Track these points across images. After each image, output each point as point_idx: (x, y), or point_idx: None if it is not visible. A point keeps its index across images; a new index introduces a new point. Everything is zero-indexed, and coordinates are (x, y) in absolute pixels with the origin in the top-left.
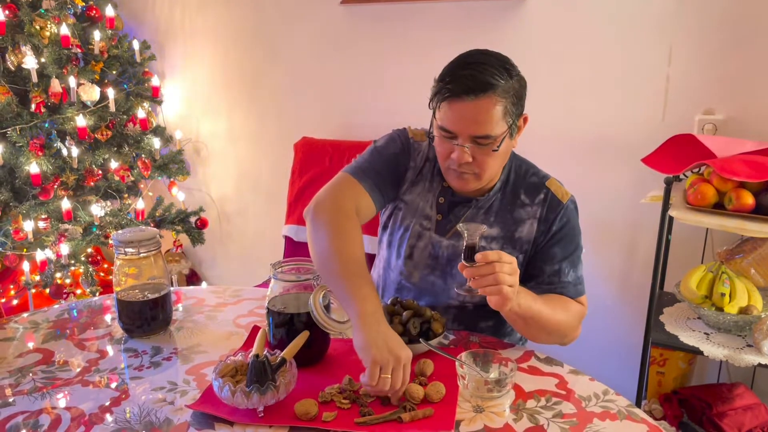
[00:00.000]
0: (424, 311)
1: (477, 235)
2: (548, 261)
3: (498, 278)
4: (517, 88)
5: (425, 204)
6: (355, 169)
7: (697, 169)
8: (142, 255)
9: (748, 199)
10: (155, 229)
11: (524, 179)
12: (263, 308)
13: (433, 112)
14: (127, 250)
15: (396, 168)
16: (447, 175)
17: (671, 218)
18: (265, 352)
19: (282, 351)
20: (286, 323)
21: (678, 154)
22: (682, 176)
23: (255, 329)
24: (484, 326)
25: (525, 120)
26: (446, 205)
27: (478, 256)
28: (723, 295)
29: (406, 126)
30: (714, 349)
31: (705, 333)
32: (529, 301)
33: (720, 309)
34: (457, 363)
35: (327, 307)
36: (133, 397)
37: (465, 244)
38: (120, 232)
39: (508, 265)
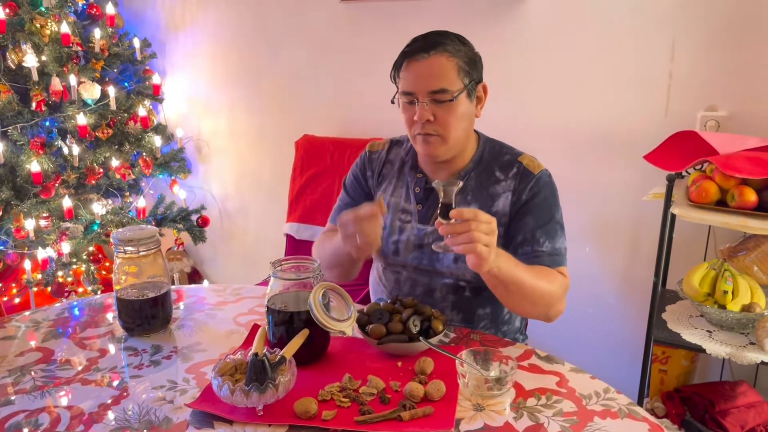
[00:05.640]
0: (424, 309)
1: (452, 193)
2: (521, 230)
3: (472, 236)
4: (469, 53)
5: (398, 200)
6: (333, 211)
7: (699, 166)
8: (141, 254)
9: (751, 196)
10: (155, 227)
11: (498, 158)
12: (263, 306)
13: (397, 87)
14: (126, 248)
15: (360, 188)
16: (416, 144)
17: (673, 215)
18: (264, 351)
19: (281, 349)
20: (286, 321)
21: (680, 151)
22: (684, 173)
23: (255, 327)
24: (482, 313)
25: (485, 90)
26: (422, 194)
27: (453, 213)
28: (726, 292)
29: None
30: (717, 347)
31: (707, 331)
32: (510, 266)
33: (723, 307)
34: (457, 361)
35: (327, 306)
36: (133, 395)
37: (441, 201)
38: (119, 230)
39: (485, 225)
